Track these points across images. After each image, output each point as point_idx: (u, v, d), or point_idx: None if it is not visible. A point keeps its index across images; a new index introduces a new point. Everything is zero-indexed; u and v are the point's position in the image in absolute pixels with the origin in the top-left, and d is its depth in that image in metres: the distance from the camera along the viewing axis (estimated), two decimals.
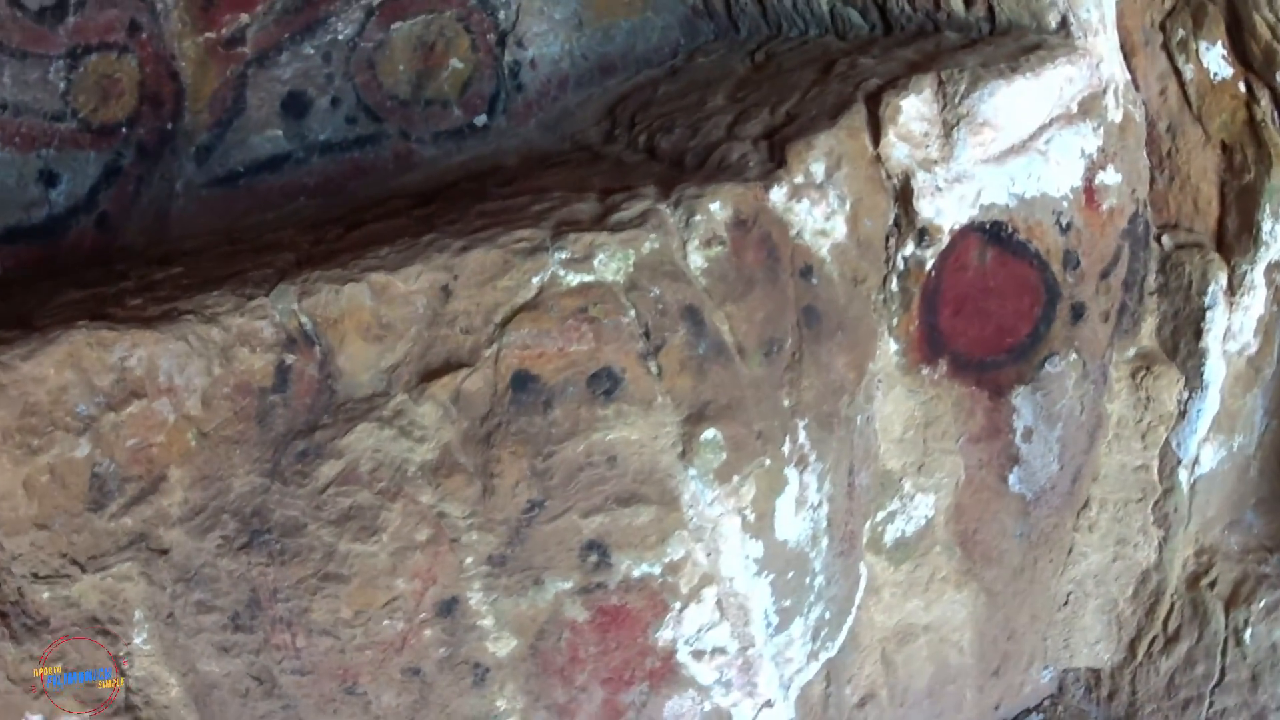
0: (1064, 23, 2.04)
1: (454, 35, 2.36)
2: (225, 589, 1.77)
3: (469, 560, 1.76)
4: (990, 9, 2.09)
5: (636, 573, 1.79)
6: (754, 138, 1.93)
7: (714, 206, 1.79)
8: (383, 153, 2.35)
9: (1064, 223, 2.00)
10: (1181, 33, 2.13)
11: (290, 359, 1.75)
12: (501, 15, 2.39)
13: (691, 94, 2.16)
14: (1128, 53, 2.13)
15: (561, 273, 1.72)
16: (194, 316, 1.75)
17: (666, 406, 1.74)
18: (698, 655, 1.88)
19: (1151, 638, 2.34)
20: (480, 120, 2.41)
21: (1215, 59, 2.10)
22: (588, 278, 1.72)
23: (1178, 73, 2.14)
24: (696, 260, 1.78)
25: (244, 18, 2.33)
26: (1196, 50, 2.11)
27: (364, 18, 2.33)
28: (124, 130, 2.31)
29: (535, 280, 1.72)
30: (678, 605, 1.83)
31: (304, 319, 1.74)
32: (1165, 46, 2.14)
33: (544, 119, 2.40)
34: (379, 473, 1.73)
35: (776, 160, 1.86)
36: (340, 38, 2.33)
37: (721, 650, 1.89)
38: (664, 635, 1.85)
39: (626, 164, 2.06)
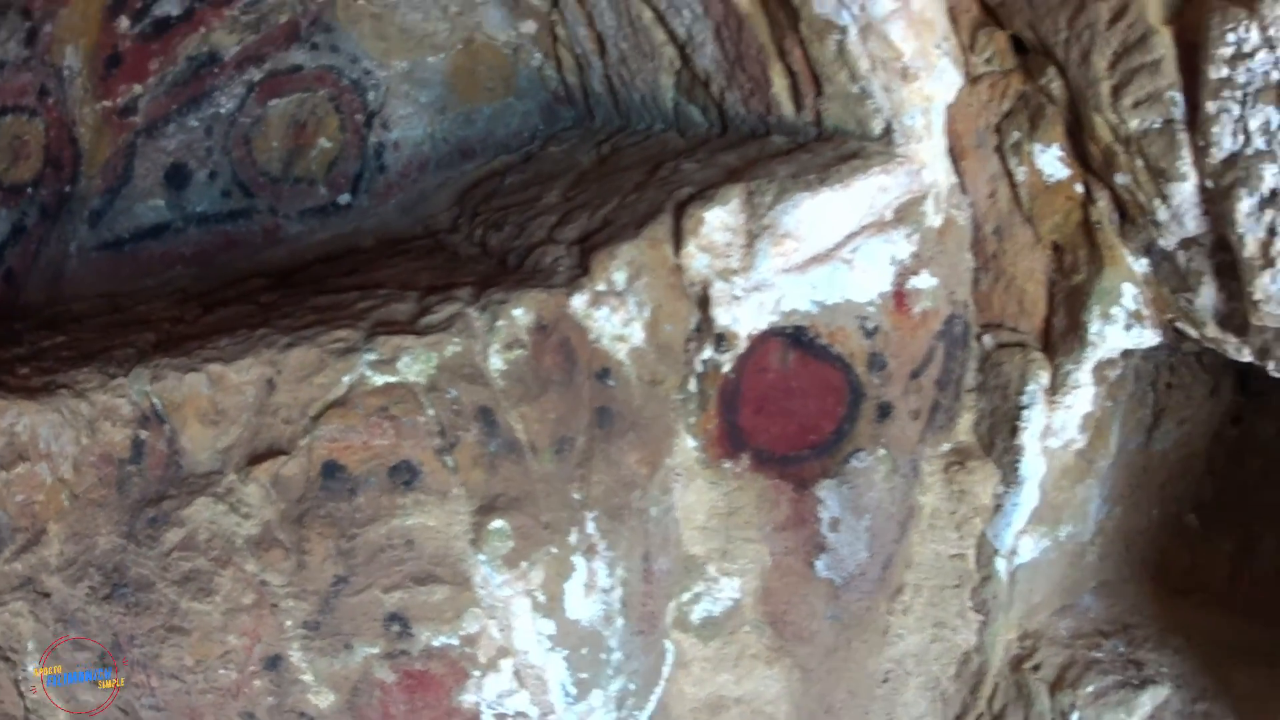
0: (888, 130, 2.34)
1: (325, 115, 2.77)
2: (94, 632, 2.25)
3: (288, 623, 2.21)
4: (818, 114, 2.41)
5: (436, 642, 2.21)
6: (570, 241, 2.32)
7: (517, 312, 2.18)
8: (253, 227, 2.78)
9: (870, 327, 2.34)
10: (1016, 135, 2.36)
11: (144, 435, 2.21)
12: (371, 96, 2.79)
13: (533, 187, 2.55)
14: (958, 155, 2.41)
15: (369, 373, 2.14)
16: (67, 390, 2.23)
17: (460, 497, 2.16)
18: (501, 718, 2.31)
19: (978, 715, 2.68)
20: (344, 199, 2.83)
21: (1050, 160, 2.31)
22: (392, 378, 2.14)
23: (1009, 175, 2.38)
24: (496, 362, 2.18)
25: (137, 88, 2.76)
26: (1030, 153, 2.34)
27: (245, 93, 2.76)
28: (29, 191, 2.76)
29: (346, 379, 2.14)
30: (477, 673, 2.25)
31: (155, 400, 2.20)
32: (999, 149, 2.38)
33: (403, 200, 2.81)
34: (213, 542, 2.18)
35: (583, 267, 2.24)
36: (222, 111, 2.76)
37: (523, 715, 2.31)
38: (468, 699, 2.27)
39: (461, 257, 2.46)
